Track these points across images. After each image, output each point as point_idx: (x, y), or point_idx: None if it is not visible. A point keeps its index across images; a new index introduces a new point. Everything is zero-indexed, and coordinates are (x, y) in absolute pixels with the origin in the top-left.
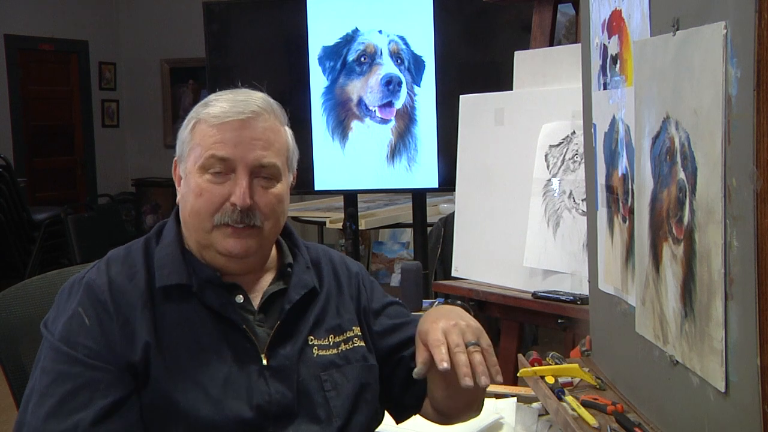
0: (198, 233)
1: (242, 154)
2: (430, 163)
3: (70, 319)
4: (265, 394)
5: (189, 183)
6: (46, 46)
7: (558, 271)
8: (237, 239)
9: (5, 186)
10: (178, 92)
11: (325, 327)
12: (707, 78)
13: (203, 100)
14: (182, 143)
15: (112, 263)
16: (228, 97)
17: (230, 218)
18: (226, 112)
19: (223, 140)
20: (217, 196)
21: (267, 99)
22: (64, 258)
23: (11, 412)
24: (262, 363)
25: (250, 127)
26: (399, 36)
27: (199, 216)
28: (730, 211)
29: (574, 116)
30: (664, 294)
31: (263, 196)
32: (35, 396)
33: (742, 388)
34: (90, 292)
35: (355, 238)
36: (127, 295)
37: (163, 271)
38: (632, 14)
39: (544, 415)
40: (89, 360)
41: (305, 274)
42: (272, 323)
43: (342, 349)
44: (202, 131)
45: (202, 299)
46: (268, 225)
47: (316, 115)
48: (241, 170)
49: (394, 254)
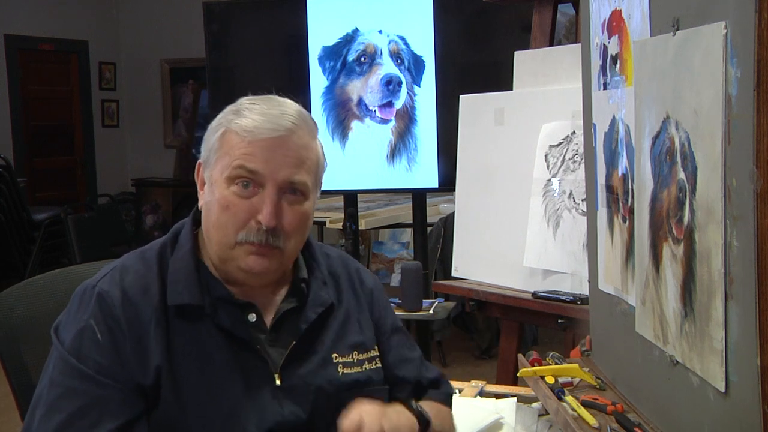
0: (220, 247)
1: (272, 171)
2: (430, 163)
3: (82, 331)
4: (278, 415)
5: (214, 192)
6: (46, 46)
7: (558, 271)
8: (259, 257)
9: (5, 186)
10: (178, 92)
11: (348, 343)
12: (707, 78)
13: (234, 106)
14: (209, 149)
15: (125, 273)
16: (261, 109)
17: (255, 237)
18: (259, 127)
19: (254, 153)
20: (243, 212)
21: (301, 112)
22: (64, 258)
23: (11, 413)
24: (275, 384)
25: (284, 144)
26: (399, 36)
27: (224, 231)
28: (730, 211)
29: (574, 116)
30: (664, 294)
31: (289, 215)
32: (43, 407)
33: (742, 388)
34: (103, 305)
35: (355, 238)
36: (140, 310)
37: (176, 287)
38: (632, 14)
39: (544, 415)
40: (99, 377)
41: (322, 291)
42: (286, 342)
43: (366, 368)
44: (232, 141)
45: (214, 319)
46: (290, 245)
47: (316, 115)
48: (270, 187)
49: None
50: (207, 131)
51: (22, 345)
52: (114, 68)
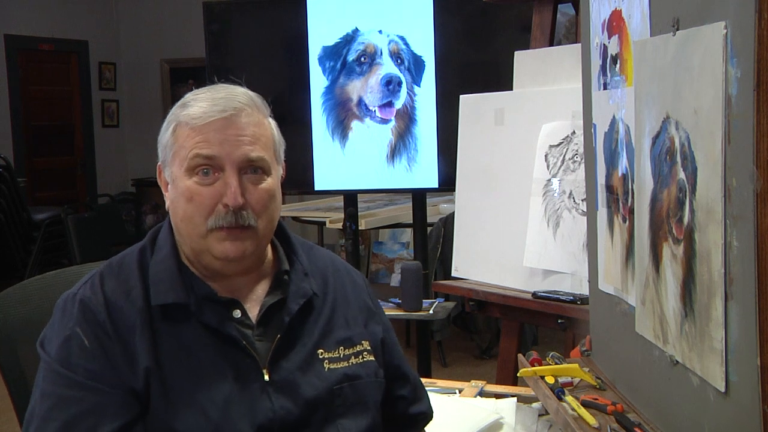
0: (192, 239)
1: (228, 152)
2: (430, 163)
3: (68, 340)
4: (268, 411)
5: (178, 187)
6: (46, 46)
7: (558, 271)
8: (232, 242)
9: (5, 186)
10: (178, 92)
11: (335, 338)
12: (707, 78)
13: (181, 101)
14: (165, 147)
15: (105, 278)
16: (207, 96)
17: (224, 220)
18: (207, 111)
19: (207, 139)
20: (208, 198)
21: (248, 93)
22: (64, 258)
23: (11, 413)
24: (264, 379)
25: (234, 124)
26: (399, 36)
27: (192, 221)
28: (730, 211)
29: (574, 116)
30: (664, 294)
31: (254, 193)
32: (36, 420)
33: (742, 388)
34: (87, 312)
35: (355, 238)
36: (125, 314)
37: (160, 287)
38: (632, 14)
39: (544, 415)
40: (91, 383)
41: (303, 282)
42: (272, 336)
43: (353, 363)
44: (184, 133)
45: (200, 318)
46: (262, 223)
47: (316, 115)
48: (230, 168)
49: (394, 254)
50: (160, 133)
51: (20, 346)
52: (114, 68)
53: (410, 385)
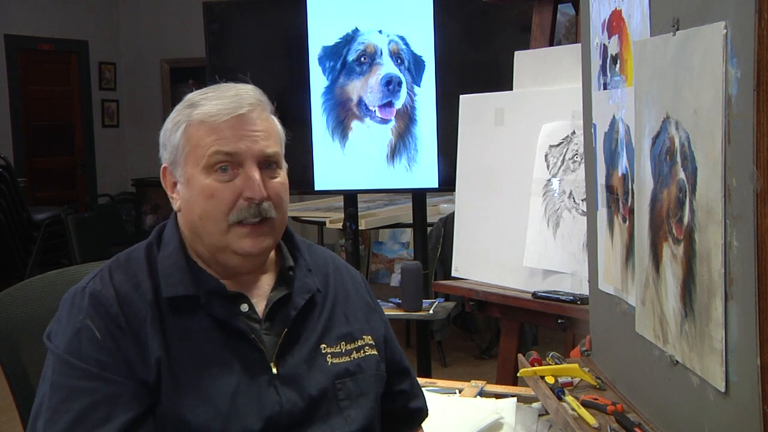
0: (213, 236)
1: (248, 147)
2: (430, 163)
3: (78, 332)
4: (276, 404)
5: (194, 186)
6: (46, 46)
7: (558, 271)
8: (254, 239)
9: (5, 186)
10: (178, 92)
11: (336, 334)
12: (707, 78)
13: (186, 101)
14: (174, 148)
15: (114, 272)
16: (217, 94)
17: (247, 213)
18: (223, 109)
19: (225, 136)
20: (229, 194)
21: (256, 90)
22: (64, 258)
23: (11, 412)
24: (272, 372)
25: (249, 120)
26: (399, 36)
27: (213, 218)
28: (730, 211)
29: (574, 116)
30: (664, 294)
31: (271, 186)
32: (46, 413)
33: (742, 388)
34: (98, 305)
35: (355, 238)
36: (135, 306)
37: (169, 281)
38: (632, 14)
39: (544, 415)
40: (105, 374)
41: (307, 278)
42: (279, 330)
43: (354, 357)
44: (200, 132)
45: (209, 311)
46: (278, 215)
47: (316, 115)
48: (250, 163)
49: (394, 254)
50: (162, 135)
51: (21, 346)
52: (114, 68)
53: (410, 380)
